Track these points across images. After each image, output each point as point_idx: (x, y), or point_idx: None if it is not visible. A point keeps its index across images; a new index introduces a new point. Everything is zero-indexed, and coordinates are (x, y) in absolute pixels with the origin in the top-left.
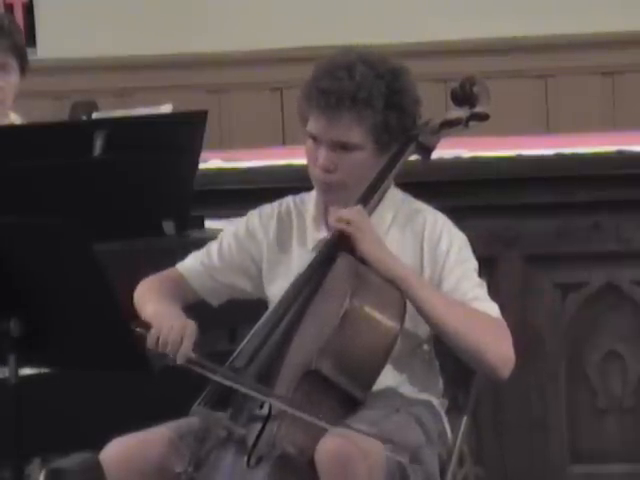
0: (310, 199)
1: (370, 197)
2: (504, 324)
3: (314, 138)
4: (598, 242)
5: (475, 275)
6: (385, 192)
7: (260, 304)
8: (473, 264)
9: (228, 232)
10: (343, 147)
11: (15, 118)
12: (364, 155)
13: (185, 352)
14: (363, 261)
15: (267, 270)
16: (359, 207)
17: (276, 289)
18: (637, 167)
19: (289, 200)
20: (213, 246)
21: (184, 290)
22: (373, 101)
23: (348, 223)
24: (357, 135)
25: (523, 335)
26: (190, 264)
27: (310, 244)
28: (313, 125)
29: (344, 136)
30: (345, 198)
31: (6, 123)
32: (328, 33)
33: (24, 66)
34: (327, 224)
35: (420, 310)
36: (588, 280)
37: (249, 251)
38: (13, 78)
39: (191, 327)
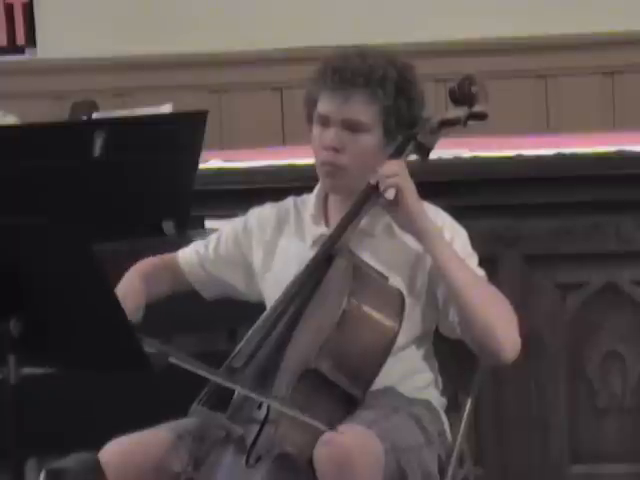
0: (310, 199)
1: None
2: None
3: (323, 121)
4: (598, 242)
5: (481, 271)
6: None
7: (260, 304)
8: (476, 259)
9: (229, 226)
10: (353, 128)
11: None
12: (371, 140)
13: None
14: (392, 209)
15: (261, 266)
16: (399, 161)
17: (271, 283)
18: (637, 167)
19: (290, 200)
20: (212, 238)
21: (177, 277)
22: (386, 83)
23: (396, 175)
24: (368, 115)
25: (523, 335)
26: (188, 252)
27: (309, 239)
28: (325, 105)
29: (356, 114)
30: (346, 187)
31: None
32: (328, 33)
33: None
34: (326, 220)
35: (440, 271)
36: (588, 280)
37: (242, 248)
38: None
39: (132, 298)
